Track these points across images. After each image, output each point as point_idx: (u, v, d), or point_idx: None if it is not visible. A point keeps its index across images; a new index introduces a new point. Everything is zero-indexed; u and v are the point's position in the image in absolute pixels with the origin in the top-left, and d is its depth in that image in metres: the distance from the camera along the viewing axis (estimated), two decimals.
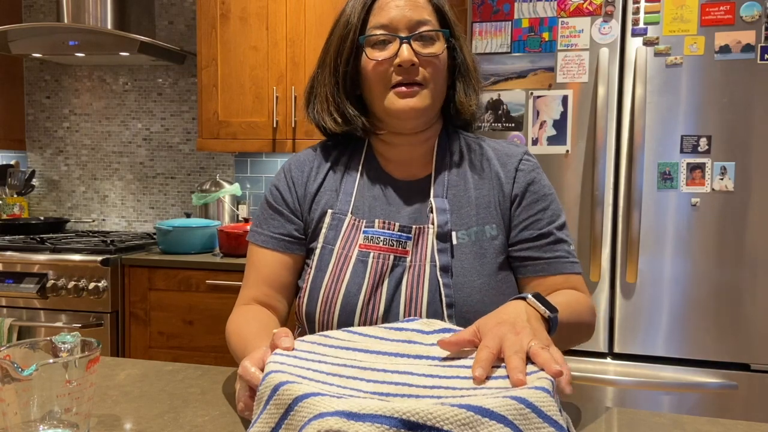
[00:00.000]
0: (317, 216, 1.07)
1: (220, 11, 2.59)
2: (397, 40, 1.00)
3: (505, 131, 2.03)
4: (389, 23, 1.00)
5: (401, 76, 1.00)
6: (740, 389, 1.88)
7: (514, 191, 1.05)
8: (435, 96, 1.03)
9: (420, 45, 1.01)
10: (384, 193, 1.07)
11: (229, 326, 1.04)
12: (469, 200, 1.04)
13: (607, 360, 2.00)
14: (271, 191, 1.11)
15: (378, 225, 1.02)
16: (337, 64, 1.05)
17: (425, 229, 1.02)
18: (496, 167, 1.07)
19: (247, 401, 0.77)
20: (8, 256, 2.47)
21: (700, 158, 1.90)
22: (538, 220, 1.04)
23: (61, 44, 2.66)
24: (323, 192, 1.08)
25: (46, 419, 0.72)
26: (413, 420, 0.57)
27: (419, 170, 1.08)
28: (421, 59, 1.00)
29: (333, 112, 1.06)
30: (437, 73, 1.02)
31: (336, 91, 1.06)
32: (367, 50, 1.02)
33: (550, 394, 0.64)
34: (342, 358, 0.77)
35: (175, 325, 2.42)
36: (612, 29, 1.94)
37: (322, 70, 1.08)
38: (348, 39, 1.03)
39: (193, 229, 2.52)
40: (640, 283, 1.96)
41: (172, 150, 3.09)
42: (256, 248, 1.09)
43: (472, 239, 1.01)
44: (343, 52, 1.04)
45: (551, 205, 1.06)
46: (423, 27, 1.01)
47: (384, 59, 1.00)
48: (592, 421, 0.90)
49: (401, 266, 1.00)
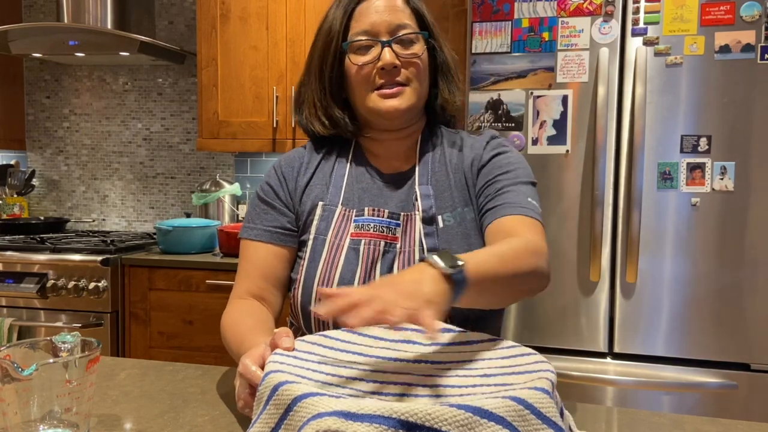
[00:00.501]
0: (308, 208, 1.10)
1: (220, 11, 2.59)
2: (378, 44, 1.05)
3: (505, 131, 2.03)
4: (370, 28, 1.05)
5: (384, 78, 1.05)
6: (740, 389, 1.88)
7: (481, 164, 1.09)
8: (418, 95, 1.08)
9: (401, 47, 1.06)
10: (372, 185, 1.11)
11: (225, 320, 1.06)
12: (450, 184, 1.09)
13: (607, 360, 2.00)
14: (262, 187, 1.15)
15: (368, 212, 1.06)
16: (323, 70, 1.10)
17: (412, 215, 1.06)
18: (469, 152, 1.12)
19: (247, 399, 0.77)
20: (8, 255, 2.47)
21: (700, 158, 1.90)
22: (497, 180, 1.06)
23: (61, 44, 2.66)
24: (313, 185, 1.12)
25: (46, 419, 0.72)
26: (411, 420, 0.58)
27: (404, 163, 1.13)
28: (403, 60, 1.05)
29: (321, 116, 1.11)
30: (419, 72, 1.07)
31: (323, 95, 1.10)
32: (351, 55, 1.07)
33: (549, 395, 0.64)
34: (342, 360, 0.77)
35: (175, 325, 2.42)
36: (612, 29, 1.94)
37: (308, 76, 1.13)
38: (332, 46, 1.08)
39: (193, 229, 2.52)
40: (640, 283, 1.96)
41: (172, 150, 3.09)
42: (249, 243, 1.11)
43: (457, 221, 1.06)
44: (327, 59, 1.09)
45: (514, 171, 1.07)
46: (403, 30, 1.06)
47: (367, 63, 1.05)
48: (592, 421, 0.90)
49: (392, 252, 1.04)
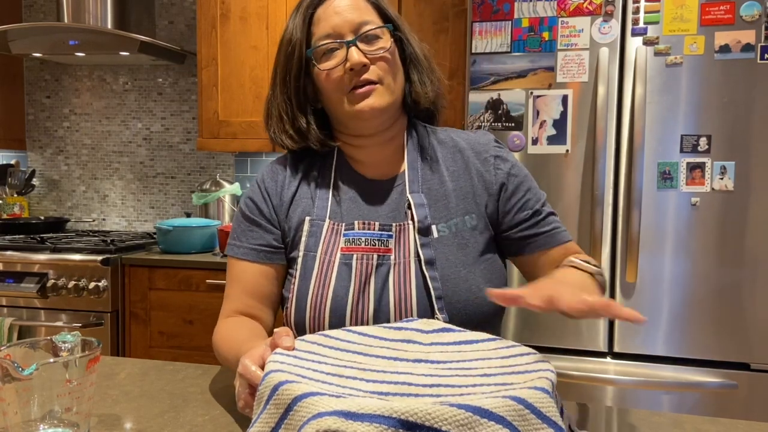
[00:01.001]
0: (294, 224, 1.06)
1: (221, 11, 2.59)
2: (344, 46, 1.01)
3: (505, 131, 2.03)
4: (333, 30, 1.02)
5: (355, 79, 1.01)
6: (740, 389, 1.89)
7: (499, 179, 1.07)
8: (392, 91, 1.04)
9: (366, 44, 1.02)
10: (359, 194, 1.07)
11: (216, 336, 1.04)
12: (446, 193, 1.05)
13: (607, 359, 2.00)
14: (246, 204, 1.11)
15: (358, 226, 1.03)
16: (287, 81, 1.06)
17: (405, 225, 1.02)
18: (470, 158, 1.09)
19: (247, 399, 0.77)
20: (8, 255, 2.47)
21: (700, 158, 1.90)
22: (528, 200, 1.08)
23: (61, 44, 2.66)
24: (298, 200, 1.08)
25: (47, 419, 0.72)
26: (411, 420, 0.58)
27: (390, 168, 1.09)
28: (371, 57, 1.01)
29: (288, 129, 1.08)
30: (390, 67, 1.04)
31: (288, 108, 1.07)
32: (317, 62, 1.03)
33: (549, 395, 0.64)
34: (342, 360, 0.77)
35: (176, 325, 2.42)
36: (612, 29, 1.94)
37: (273, 90, 1.10)
38: (294, 55, 1.04)
39: (193, 229, 2.52)
40: (639, 283, 1.96)
41: (172, 150, 3.09)
42: (235, 261, 1.09)
43: (452, 231, 1.03)
44: (291, 69, 1.05)
45: (531, 183, 1.10)
46: (366, 27, 1.02)
47: (335, 67, 1.02)
48: (592, 421, 0.90)
49: (386, 265, 1.00)
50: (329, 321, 0.99)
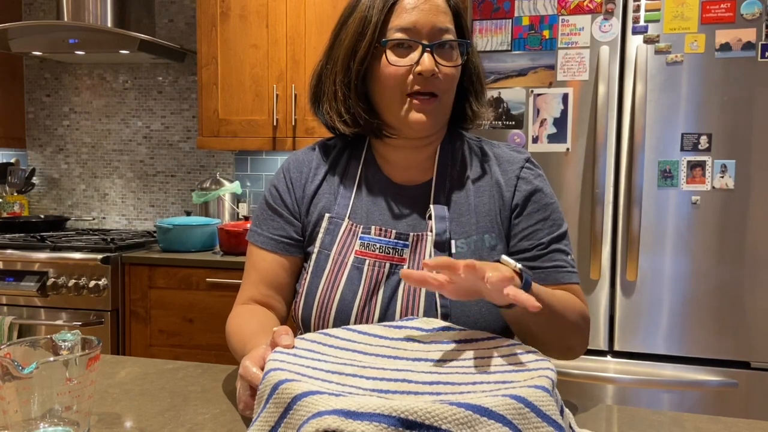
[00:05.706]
0: (314, 219, 1.06)
1: (220, 9, 2.59)
2: (419, 47, 0.96)
3: (506, 129, 2.03)
4: (413, 27, 0.96)
5: (419, 85, 0.97)
6: (740, 387, 1.89)
7: (515, 200, 1.03)
8: (447, 107, 1.02)
9: (441, 54, 0.98)
10: (383, 197, 1.05)
11: (229, 326, 1.04)
12: (470, 208, 1.02)
13: (608, 358, 2.00)
14: (270, 191, 1.10)
15: (374, 232, 1.00)
16: (350, 62, 1.00)
17: (423, 236, 1.00)
18: (496, 174, 1.05)
19: (247, 401, 0.76)
20: (8, 254, 2.47)
21: (701, 156, 1.90)
22: (538, 230, 1.02)
23: (61, 42, 2.66)
24: (321, 194, 1.07)
25: (47, 417, 0.72)
26: (411, 419, 0.57)
27: (420, 175, 1.06)
28: (442, 69, 0.97)
29: (344, 114, 1.02)
30: (453, 84, 1.01)
31: (347, 90, 1.01)
32: (388, 54, 0.97)
33: (549, 393, 0.64)
34: (342, 358, 0.77)
35: (176, 323, 2.42)
36: (612, 27, 1.94)
37: (331, 66, 1.03)
38: (365, 38, 0.98)
39: (194, 228, 2.52)
40: (640, 281, 1.96)
41: (172, 148, 3.09)
42: (255, 249, 1.09)
43: (471, 248, 1.00)
44: (358, 51, 0.99)
45: (552, 215, 1.04)
46: (445, 35, 0.98)
47: (404, 65, 0.97)
48: (593, 420, 0.90)
49: (397, 274, 0.98)
50: (333, 323, 0.98)
